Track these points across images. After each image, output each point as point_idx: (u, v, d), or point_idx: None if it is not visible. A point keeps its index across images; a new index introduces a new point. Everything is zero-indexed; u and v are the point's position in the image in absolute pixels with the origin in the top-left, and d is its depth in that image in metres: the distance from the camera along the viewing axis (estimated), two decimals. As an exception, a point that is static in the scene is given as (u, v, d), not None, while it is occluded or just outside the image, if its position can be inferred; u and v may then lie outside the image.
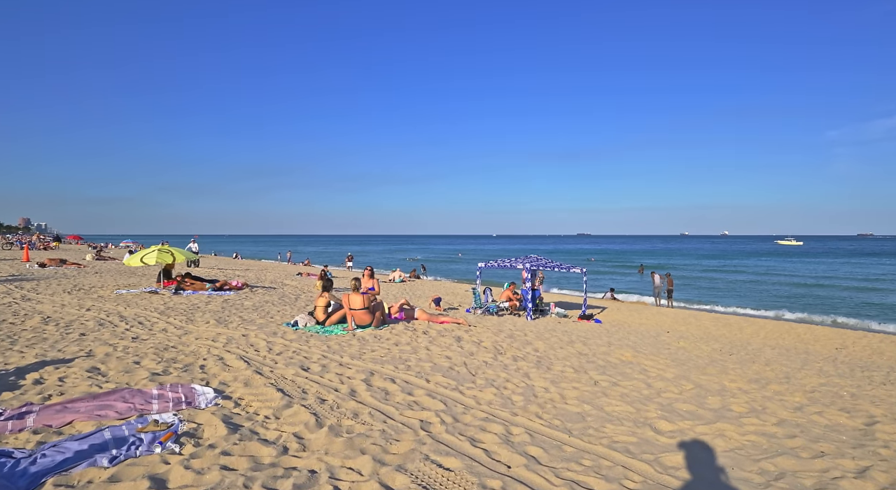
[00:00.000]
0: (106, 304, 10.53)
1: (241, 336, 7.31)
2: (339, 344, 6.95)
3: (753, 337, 13.30)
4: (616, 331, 12.46)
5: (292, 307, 10.99)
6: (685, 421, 4.14)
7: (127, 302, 10.97)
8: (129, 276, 17.40)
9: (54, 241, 51.72)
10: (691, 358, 8.49)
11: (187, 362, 5.72)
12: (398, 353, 6.45)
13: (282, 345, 6.76)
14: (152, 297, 11.77)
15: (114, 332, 7.36)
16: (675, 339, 11.44)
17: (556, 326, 12.56)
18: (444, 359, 6.15)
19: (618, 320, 15.66)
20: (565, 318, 15.04)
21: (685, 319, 16.46)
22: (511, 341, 7.83)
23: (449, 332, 8.29)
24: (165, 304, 10.67)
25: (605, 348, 8.74)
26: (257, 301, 11.78)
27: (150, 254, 13.16)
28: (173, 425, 3.69)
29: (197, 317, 9.05)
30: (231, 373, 5.28)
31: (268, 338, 7.23)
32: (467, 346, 7.08)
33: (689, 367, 7.20)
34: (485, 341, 7.59)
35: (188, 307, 10.36)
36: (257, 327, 8.05)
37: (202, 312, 9.62)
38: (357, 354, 6.30)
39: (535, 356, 6.70)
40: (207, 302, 11.27)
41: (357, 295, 8.01)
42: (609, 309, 18.91)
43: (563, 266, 15.08)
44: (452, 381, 5.08)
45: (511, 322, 12.83)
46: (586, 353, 7.29)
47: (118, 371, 5.22)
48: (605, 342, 9.93)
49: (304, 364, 5.69)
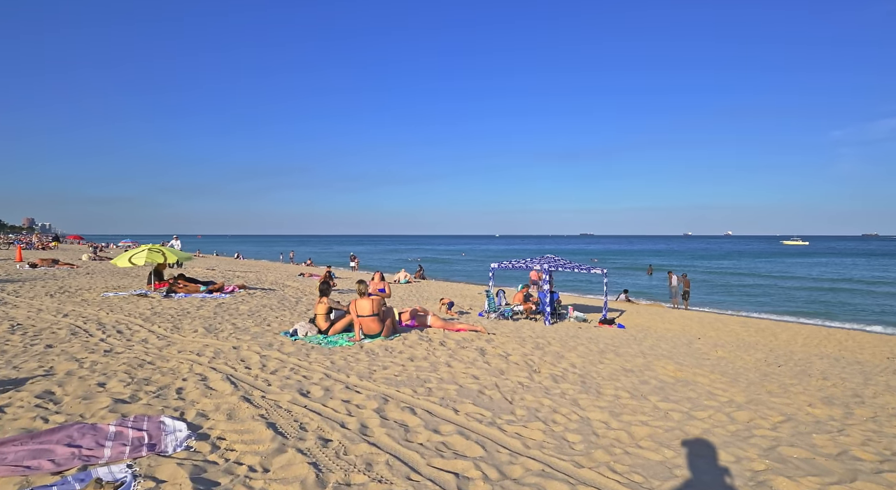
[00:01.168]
0: (87, 309, 9.57)
1: (232, 348, 6.34)
2: (344, 358, 5.97)
3: (791, 344, 12.29)
4: (644, 337, 11.46)
5: (292, 313, 10.01)
6: (809, 477, 3.12)
7: (111, 306, 10.01)
8: (120, 278, 16.46)
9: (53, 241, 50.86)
10: (739, 371, 7.50)
11: (163, 384, 4.75)
12: (415, 370, 5.46)
13: (278, 360, 5.78)
14: (140, 301, 10.81)
15: (85, 344, 6.39)
16: (711, 347, 10.44)
17: (578, 333, 11.57)
18: (471, 379, 5.16)
19: (640, 325, 14.65)
20: (584, 323, 14.04)
21: (711, 324, 15.43)
22: (541, 354, 6.83)
23: (469, 343, 7.31)
24: (153, 309, 9.70)
25: (642, 360, 7.75)
26: (254, 305, 10.80)
27: (139, 254, 12.20)
28: (124, 486, 2.71)
29: (185, 324, 8.08)
30: (213, 398, 4.31)
31: (262, 350, 6.25)
32: (494, 362, 6.08)
33: (746, 383, 6.20)
34: (512, 354, 6.60)
35: (177, 312, 9.39)
36: (251, 337, 7.07)
37: (191, 319, 8.65)
38: (366, 373, 5.31)
39: (575, 374, 5.71)
40: (199, 306, 10.30)
41: (365, 300, 7.03)
42: (627, 312, 17.89)
43: (582, 267, 14.09)
44: (487, 412, 4.08)
45: (529, 327, 11.84)
46: (631, 370, 6.28)
47: (75, 397, 4.25)
48: (638, 352, 8.94)
49: (303, 387, 4.71)
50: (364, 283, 7.15)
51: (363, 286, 7.12)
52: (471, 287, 27.29)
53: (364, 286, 7.13)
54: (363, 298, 7.07)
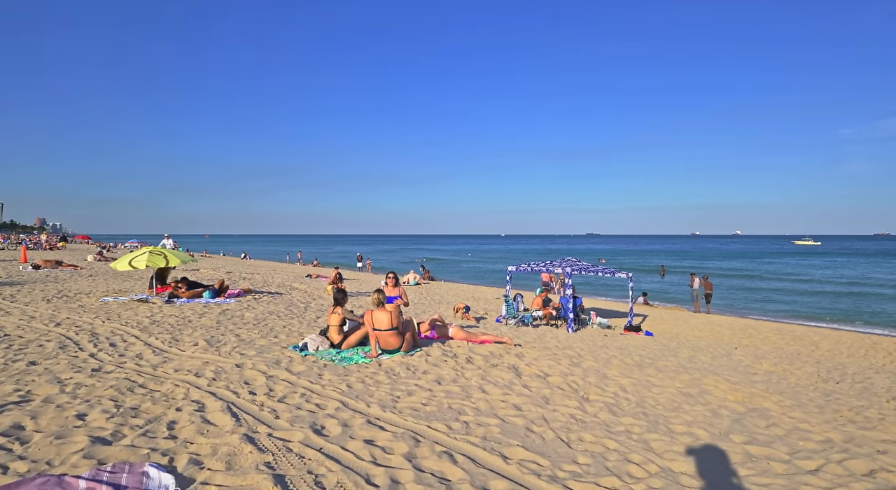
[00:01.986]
0: (83, 317, 8.93)
1: (235, 367, 5.63)
2: (362, 380, 5.25)
3: (836, 354, 11.44)
4: (676, 347, 10.66)
5: (300, 321, 9.31)
6: None
7: (109, 313, 9.36)
8: (122, 281, 15.86)
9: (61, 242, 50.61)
10: (797, 390, 6.71)
11: (153, 414, 4.05)
12: (444, 397, 4.72)
13: (286, 383, 5.06)
14: (139, 307, 10.15)
15: (73, 360, 5.71)
16: (753, 359, 9.63)
17: (605, 341, 10.79)
18: (513, 410, 4.41)
19: (667, 331, 13.83)
20: (609, 330, 13.27)
21: (743, 330, 14.58)
22: (582, 374, 6.07)
23: (498, 359, 6.56)
24: (152, 317, 9.04)
25: (688, 377, 6.98)
26: (260, 312, 10.11)
27: (139, 256, 11.56)
28: None
29: (184, 336, 7.39)
30: (211, 437, 3.60)
31: (268, 369, 5.54)
32: (533, 385, 5.33)
33: (815, 408, 5.42)
34: (552, 375, 5.84)
35: (178, 321, 8.71)
36: (256, 352, 6.37)
37: (192, 329, 7.97)
38: (389, 400, 4.58)
39: (629, 402, 4.94)
40: (202, 313, 9.62)
41: (384, 312, 6.30)
42: (649, 316, 17.06)
43: (606, 270, 13.30)
44: (543, 460, 3.33)
45: (552, 335, 11.08)
46: (688, 393, 5.51)
47: (47, 435, 3.56)
48: (677, 365, 8.16)
49: (317, 420, 3.99)
50: (382, 293, 6.42)
51: (381, 296, 6.39)
52: (482, 289, 26.52)
53: (382, 296, 6.40)
54: (380, 309, 6.34)
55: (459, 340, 7.66)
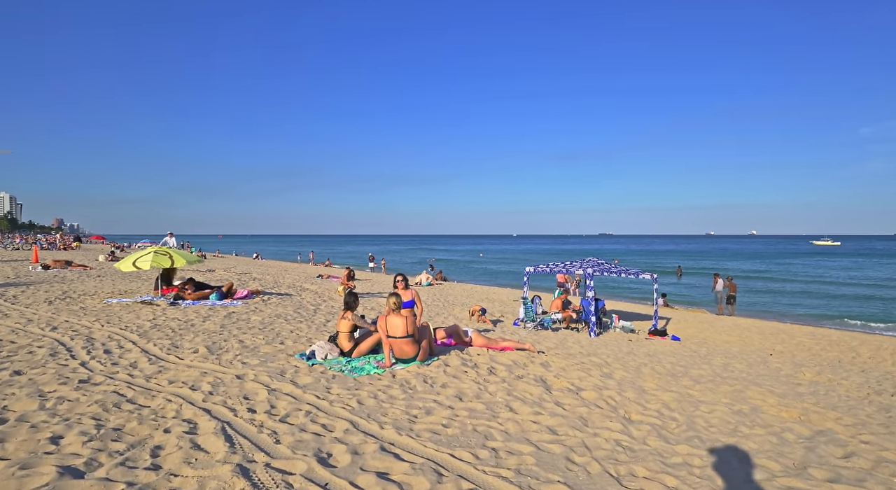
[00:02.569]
0: (82, 320, 8.52)
1: (235, 378, 5.13)
2: (374, 395, 4.71)
3: (880, 361, 10.68)
4: (707, 354, 10.00)
5: (309, 325, 8.82)
6: None
7: (110, 316, 8.95)
8: (130, 281, 15.53)
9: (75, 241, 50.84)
10: (852, 404, 6.06)
11: (137, 437, 3.55)
12: (468, 416, 4.17)
13: (290, 397, 4.55)
14: (142, 310, 9.74)
15: (61, 370, 5.26)
16: (793, 367, 8.95)
17: (631, 347, 10.17)
18: (548, 433, 3.84)
19: (694, 336, 13.14)
20: (632, 334, 12.62)
21: (774, 335, 13.82)
22: (617, 387, 5.48)
23: (523, 369, 5.99)
24: (154, 320, 8.60)
25: (728, 388, 6.37)
26: (267, 315, 9.64)
27: (144, 257, 11.16)
28: None
29: (185, 342, 6.92)
30: (199, 467, 3.09)
31: (272, 381, 5.03)
32: (567, 402, 4.75)
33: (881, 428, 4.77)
34: (584, 388, 5.25)
35: (180, 324, 8.27)
36: (260, 361, 5.86)
37: (193, 334, 7.50)
38: (405, 421, 4.04)
39: (678, 425, 4.34)
40: (206, 316, 9.18)
41: (398, 317, 5.76)
42: (672, 319, 16.34)
43: (630, 272, 12.65)
44: (592, 503, 2.78)
45: (574, 340, 10.48)
46: (740, 411, 4.90)
47: (11, 465, 3.07)
48: (713, 374, 7.53)
49: (323, 446, 3.46)
50: (398, 297, 5.87)
51: (398, 301, 5.84)
52: (496, 290, 25.91)
53: (399, 301, 5.85)
54: (395, 315, 5.79)
55: (479, 347, 7.10)
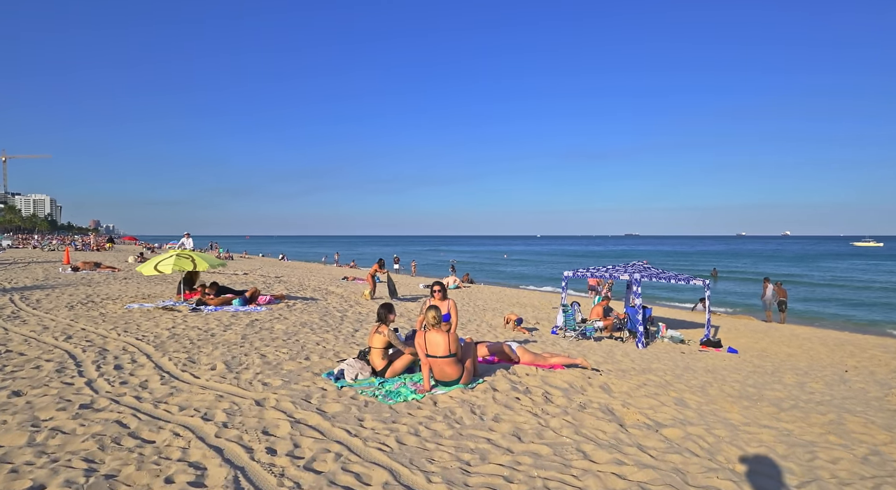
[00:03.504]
0: (99, 328, 8.06)
1: (254, 404, 4.47)
2: (414, 430, 3.98)
3: (974, 381, 9.45)
4: (773, 370, 8.96)
5: (336, 335, 8.16)
6: None
7: (129, 323, 8.47)
8: (154, 284, 15.22)
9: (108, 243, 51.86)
10: None
11: (132, 486, 2.90)
12: (532, 465, 3.39)
13: (316, 432, 3.85)
14: (162, 317, 9.25)
15: (63, 392, 4.69)
16: (880, 389, 7.87)
17: (686, 361, 9.21)
18: (639, 493, 3.05)
19: (751, 347, 12.04)
20: (682, 344, 11.61)
21: (840, 346, 12.59)
22: (701, 420, 4.62)
23: (582, 394, 5.18)
24: (173, 329, 8.08)
25: (820, 418, 5.42)
26: (292, 323, 9.04)
27: (165, 260, 10.71)
28: None
29: (202, 355, 6.33)
30: (203, 540, 2.40)
31: (295, 409, 4.35)
32: (650, 443, 3.91)
33: None
34: (665, 424, 4.40)
35: (199, 334, 7.71)
36: (282, 381, 5.20)
37: (213, 345, 6.91)
38: (456, 469, 3.28)
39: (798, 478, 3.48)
40: (228, 324, 8.62)
41: (439, 334, 5.02)
42: (720, 328, 15.19)
43: (680, 277, 11.65)
44: None
45: (621, 352, 9.58)
46: (867, 458, 3.99)
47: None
48: (793, 397, 6.56)
49: (358, 508, 2.74)
50: (437, 310, 5.13)
51: (436, 315, 5.10)
52: (526, 293, 24.99)
53: (437, 315, 5.12)
54: (435, 331, 5.05)
55: (525, 365, 6.31)
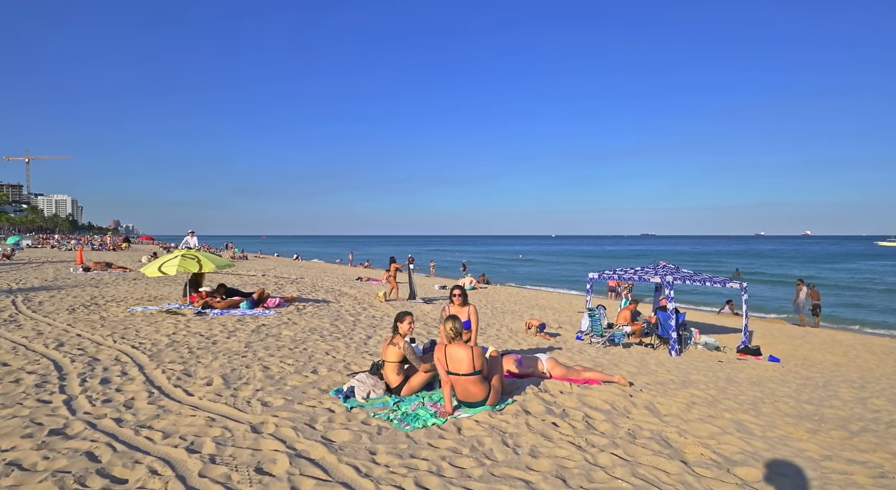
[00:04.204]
0: (96, 333, 7.55)
1: (249, 429, 3.85)
2: (436, 467, 3.33)
3: None
4: (826, 382, 8.12)
5: (347, 343, 7.54)
6: None
7: (127, 328, 7.96)
8: (163, 286, 14.80)
9: (125, 242, 52.11)
10: None
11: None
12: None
13: (319, 472, 3.21)
14: (165, 321, 8.73)
15: (36, 412, 4.12)
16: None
17: (727, 371, 8.43)
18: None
19: (792, 354, 11.17)
20: (718, 352, 10.80)
21: (888, 354, 11.65)
22: (770, 452, 3.90)
23: (627, 418, 4.48)
24: (173, 335, 7.54)
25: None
26: (300, 329, 8.45)
27: (170, 261, 10.22)
28: None
29: (199, 367, 5.74)
30: None
31: (297, 437, 3.72)
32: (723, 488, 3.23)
33: None
34: (736, 460, 3.69)
35: (200, 341, 7.15)
36: (284, 400, 4.58)
37: (213, 355, 6.34)
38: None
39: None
40: (232, 330, 8.06)
41: (462, 348, 4.35)
42: (753, 333, 14.29)
43: (715, 279, 10.84)
44: None
45: (654, 361, 8.84)
46: None
47: None
48: (858, 418, 5.79)
49: None
50: (458, 321, 4.46)
51: (458, 326, 4.43)
52: (544, 295, 24.20)
53: (458, 325, 4.45)
54: (457, 344, 4.39)
55: (557, 380, 5.62)
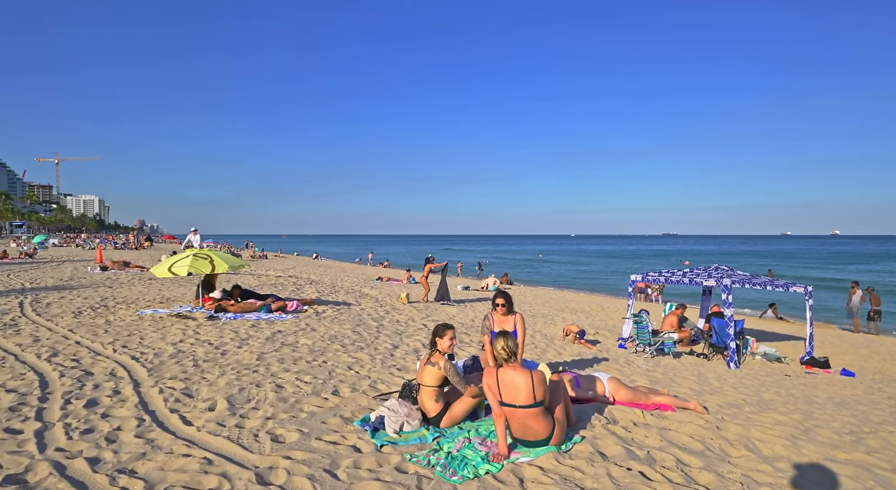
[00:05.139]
0: (97, 340, 6.86)
1: (253, 480, 3.02)
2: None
3: None
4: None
5: (372, 354, 6.71)
6: None
7: (132, 335, 7.26)
8: (177, 286, 14.21)
9: (146, 241, 52.43)
10: None
11: None
12: None
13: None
14: (174, 326, 8.03)
15: None
16: None
17: (801, 388, 7.35)
18: None
19: (861, 367, 9.98)
20: (780, 363, 9.68)
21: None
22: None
23: (728, 462, 3.54)
24: (180, 343, 6.80)
25: None
26: (320, 336, 7.66)
27: (181, 261, 9.53)
28: None
29: (203, 385, 4.95)
30: None
31: (314, 484, 2.88)
32: None
33: None
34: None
35: (208, 351, 6.38)
36: (299, 433, 3.74)
37: (221, 368, 5.56)
38: None
39: None
40: (245, 338, 7.30)
41: (518, 372, 3.44)
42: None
43: (777, 284, 9.72)
44: None
45: (713, 374, 7.82)
46: None
47: None
48: None
49: None
50: (510, 338, 3.52)
51: (510, 345, 3.49)
52: (571, 296, 23.09)
53: (512, 344, 3.51)
54: (512, 368, 3.48)
55: (623, 405, 4.69)
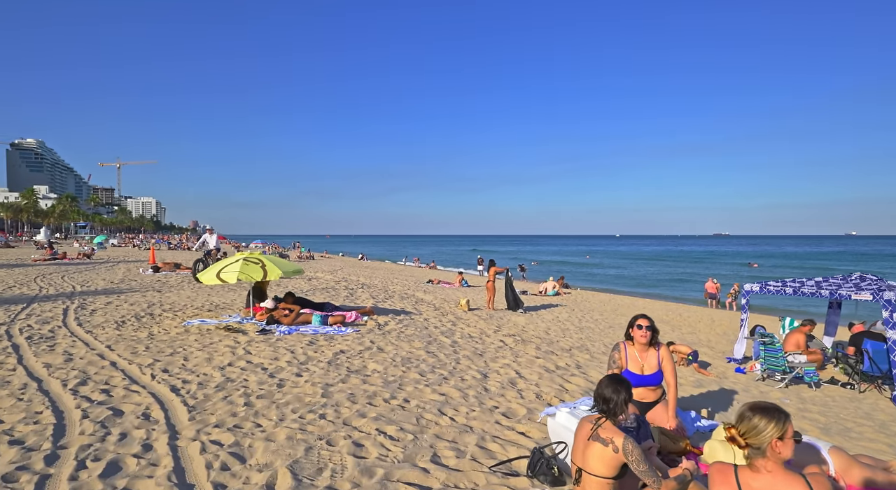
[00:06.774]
0: (136, 361, 5.85)
1: None
2: None
3: None
4: None
5: (461, 387, 5.37)
6: None
7: (175, 354, 6.22)
8: (227, 292, 13.40)
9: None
10: None
11: None
12: None
13: None
14: (222, 342, 6.98)
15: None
16: None
17: None
18: None
19: None
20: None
21: None
22: None
23: None
24: (228, 367, 5.69)
25: None
26: (391, 359, 6.40)
27: (230, 266, 8.53)
28: None
29: (256, 438, 3.74)
30: None
31: None
32: None
33: None
34: None
35: (261, 381, 5.22)
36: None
37: (279, 409, 4.36)
38: None
39: None
40: (304, 361, 6.13)
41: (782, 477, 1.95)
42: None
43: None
44: None
45: (883, 413, 6.07)
46: None
47: None
48: None
49: None
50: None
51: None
52: (634, 301, 20.99)
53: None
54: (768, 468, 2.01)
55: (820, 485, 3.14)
